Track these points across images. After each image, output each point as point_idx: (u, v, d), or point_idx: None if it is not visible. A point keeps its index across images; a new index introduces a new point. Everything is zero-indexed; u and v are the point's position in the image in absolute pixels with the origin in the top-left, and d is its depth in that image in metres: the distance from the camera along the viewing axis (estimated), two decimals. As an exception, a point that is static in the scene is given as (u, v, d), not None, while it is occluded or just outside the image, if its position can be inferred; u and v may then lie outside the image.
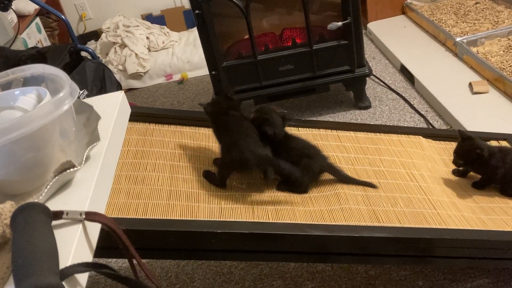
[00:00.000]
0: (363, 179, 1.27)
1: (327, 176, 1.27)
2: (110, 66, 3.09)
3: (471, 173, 1.40)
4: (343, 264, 1.50)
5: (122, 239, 0.62)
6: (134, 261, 0.67)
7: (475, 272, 1.41)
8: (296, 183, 1.21)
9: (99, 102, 0.83)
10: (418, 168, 1.35)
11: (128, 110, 0.89)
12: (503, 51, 2.35)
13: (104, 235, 0.64)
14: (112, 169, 0.76)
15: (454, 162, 1.33)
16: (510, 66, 2.20)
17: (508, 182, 1.32)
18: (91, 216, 0.59)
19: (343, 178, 1.25)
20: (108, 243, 0.66)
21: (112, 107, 0.83)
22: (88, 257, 0.59)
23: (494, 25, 2.59)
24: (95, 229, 0.62)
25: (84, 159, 0.69)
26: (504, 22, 2.59)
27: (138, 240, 0.94)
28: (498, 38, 2.47)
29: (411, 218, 1.15)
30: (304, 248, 1.09)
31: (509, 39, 2.44)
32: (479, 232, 1.15)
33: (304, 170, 1.22)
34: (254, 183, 1.24)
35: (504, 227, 1.19)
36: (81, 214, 0.59)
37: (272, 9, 2.31)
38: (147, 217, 1.06)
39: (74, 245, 0.56)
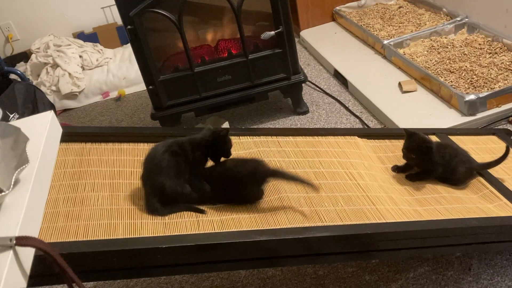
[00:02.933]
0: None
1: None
2: (42, 88, 2.98)
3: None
4: (292, 266, 1.52)
5: (57, 261, 0.60)
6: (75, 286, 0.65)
7: (416, 262, 1.48)
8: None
9: (27, 124, 0.80)
10: (356, 167, 1.40)
11: (59, 130, 0.87)
12: (427, 51, 2.50)
13: (42, 261, 0.62)
14: (44, 191, 0.73)
15: (405, 157, 1.40)
16: (434, 65, 2.34)
17: (449, 173, 1.41)
18: (22, 240, 0.57)
19: (289, 178, 1.24)
20: (47, 270, 0.64)
21: (41, 128, 0.81)
22: (22, 284, 0.57)
23: (417, 27, 2.75)
24: (28, 254, 0.60)
25: (12, 183, 0.67)
26: (425, 24, 2.76)
27: (81, 263, 0.91)
28: (422, 39, 2.63)
29: (352, 215, 1.18)
30: (251, 254, 1.09)
31: (431, 40, 2.60)
32: (415, 223, 1.21)
33: (252, 186, 1.21)
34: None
35: (437, 216, 1.26)
36: (11, 240, 0.57)
37: (206, 21, 2.32)
38: (88, 239, 1.03)
39: (5, 273, 0.54)
